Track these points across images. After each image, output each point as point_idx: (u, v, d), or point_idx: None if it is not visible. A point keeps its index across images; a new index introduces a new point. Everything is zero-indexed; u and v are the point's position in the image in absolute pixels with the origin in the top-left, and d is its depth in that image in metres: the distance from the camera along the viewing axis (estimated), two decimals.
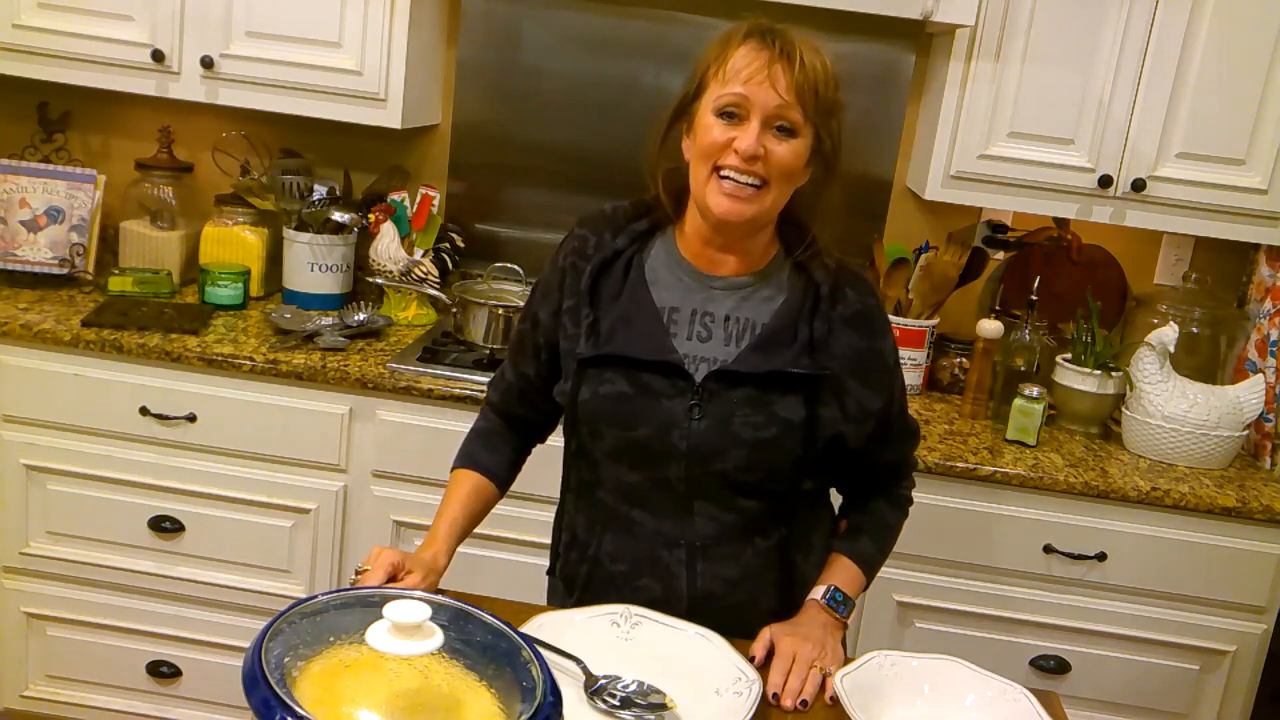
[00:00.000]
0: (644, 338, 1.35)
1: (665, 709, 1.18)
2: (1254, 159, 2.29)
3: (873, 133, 2.64)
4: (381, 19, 2.35)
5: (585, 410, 1.38)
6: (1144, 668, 2.22)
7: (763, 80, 1.26)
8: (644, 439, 1.35)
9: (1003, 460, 2.18)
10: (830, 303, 1.37)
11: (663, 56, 2.61)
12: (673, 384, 1.34)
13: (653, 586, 1.40)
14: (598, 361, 1.36)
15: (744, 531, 1.39)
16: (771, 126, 1.28)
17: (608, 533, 1.43)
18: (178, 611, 2.34)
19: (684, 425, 1.34)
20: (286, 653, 0.93)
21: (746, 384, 1.34)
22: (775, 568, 1.42)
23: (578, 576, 1.46)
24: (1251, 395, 2.28)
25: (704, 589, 1.39)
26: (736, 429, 1.34)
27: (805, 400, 1.35)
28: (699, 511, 1.38)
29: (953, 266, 2.49)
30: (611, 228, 1.42)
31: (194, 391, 2.22)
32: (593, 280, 1.39)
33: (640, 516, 1.40)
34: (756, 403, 1.34)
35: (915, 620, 2.23)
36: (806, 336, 1.35)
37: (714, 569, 1.39)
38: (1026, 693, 1.28)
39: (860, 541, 1.49)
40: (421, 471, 2.23)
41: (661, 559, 1.39)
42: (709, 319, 1.37)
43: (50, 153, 2.73)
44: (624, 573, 1.41)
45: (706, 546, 1.39)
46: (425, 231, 2.61)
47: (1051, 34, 2.26)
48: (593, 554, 1.44)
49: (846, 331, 1.38)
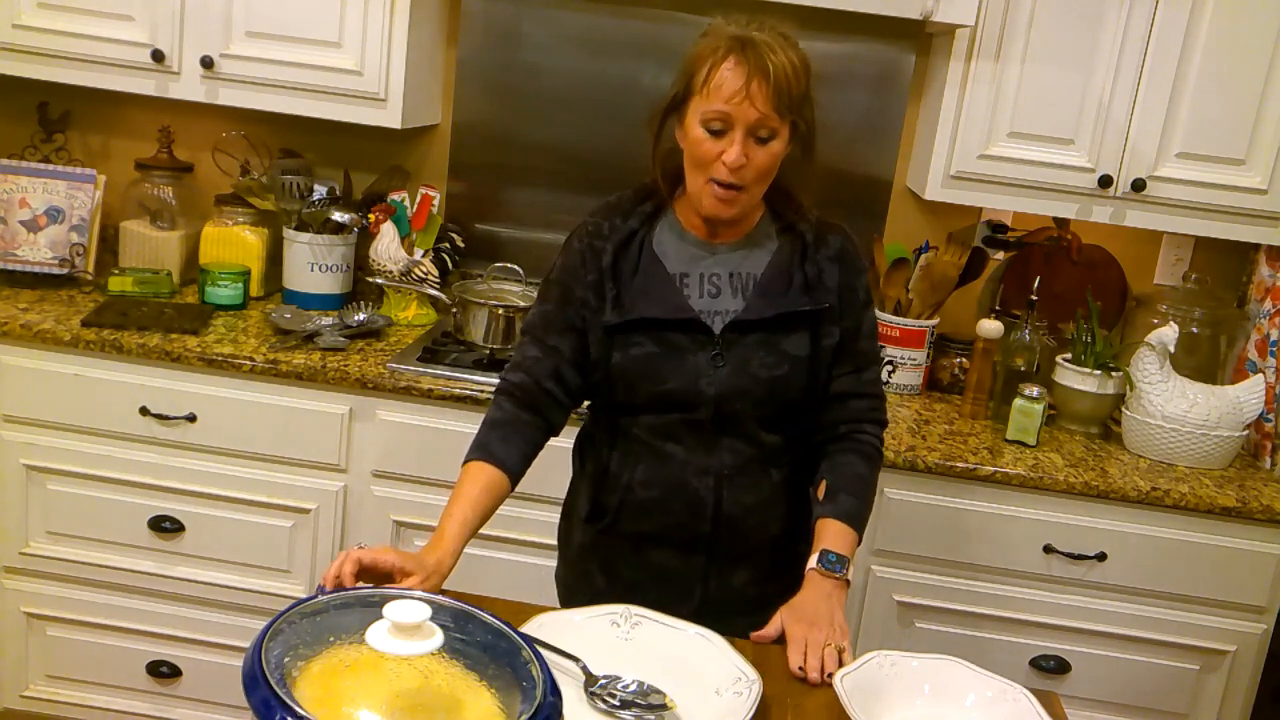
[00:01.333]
0: (663, 302, 1.53)
1: (665, 709, 1.19)
2: (1254, 159, 2.29)
3: (873, 133, 2.64)
4: (381, 19, 2.35)
5: (619, 371, 1.53)
6: (1144, 668, 2.22)
7: (742, 100, 1.42)
8: (675, 391, 1.52)
9: (1003, 460, 2.19)
10: (815, 247, 1.57)
11: (663, 56, 2.61)
12: (694, 339, 1.52)
13: (680, 511, 1.57)
14: (625, 328, 1.52)
15: (763, 463, 1.58)
16: (753, 135, 1.44)
17: (641, 464, 1.58)
18: (178, 611, 2.34)
19: (710, 374, 1.52)
20: (286, 653, 0.93)
21: (758, 329, 1.53)
22: (783, 498, 1.60)
23: (608, 505, 1.61)
24: (1251, 395, 2.29)
25: (726, 512, 1.56)
26: (755, 370, 1.52)
27: (810, 335, 1.54)
28: (725, 446, 1.55)
29: (953, 266, 2.49)
30: (621, 213, 1.58)
31: (194, 391, 2.23)
32: (614, 258, 1.54)
33: (673, 449, 1.56)
34: (768, 345, 1.53)
35: (915, 620, 2.23)
36: (801, 279, 1.55)
37: (736, 495, 1.56)
38: (1026, 693, 1.28)
39: (838, 500, 1.57)
40: (421, 471, 2.23)
41: (691, 485, 1.56)
42: (716, 278, 1.55)
43: (50, 153, 2.73)
44: (656, 498, 1.57)
45: (731, 475, 1.56)
46: (425, 231, 2.61)
47: (1051, 34, 2.26)
48: (625, 482, 1.59)
49: (832, 268, 1.57)
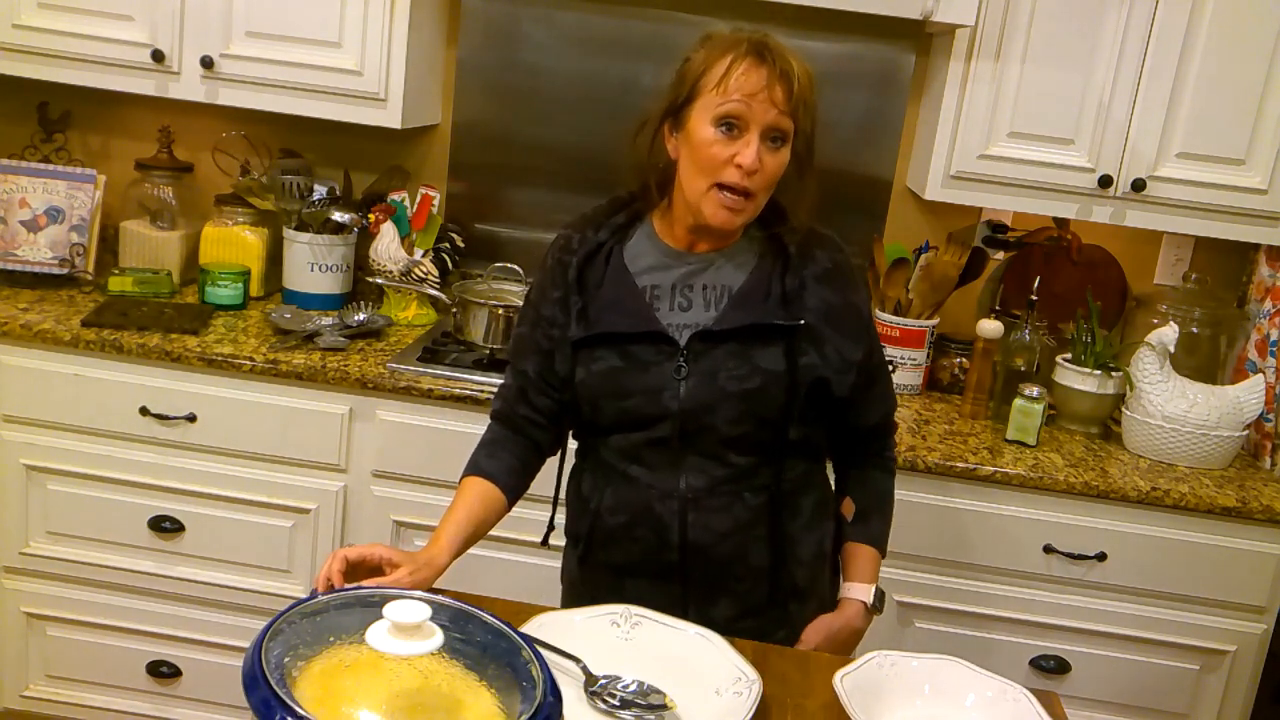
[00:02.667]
0: (629, 314, 1.45)
1: (665, 709, 1.18)
2: (1254, 159, 2.29)
3: (873, 133, 2.64)
4: (381, 19, 2.35)
5: (583, 389, 1.47)
6: (1144, 668, 2.22)
7: (764, 98, 1.35)
8: (637, 406, 1.45)
9: (1003, 460, 2.18)
10: (800, 260, 1.47)
11: (663, 56, 2.59)
12: (659, 350, 1.44)
13: (648, 537, 1.49)
14: (589, 342, 1.46)
15: (733, 486, 1.47)
16: (767, 138, 1.37)
17: (609, 487, 1.52)
18: (178, 611, 2.34)
19: (673, 387, 1.43)
20: (286, 653, 0.93)
21: (729, 340, 1.43)
22: (764, 524, 1.49)
23: (581, 533, 1.57)
24: (1251, 395, 2.28)
25: (694, 539, 1.47)
26: (723, 383, 1.42)
27: (785, 350, 1.44)
28: (691, 465, 1.47)
29: (953, 266, 2.49)
30: (593, 224, 1.53)
31: (194, 391, 2.23)
32: (579, 271, 1.48)
33: (637, 472, 1.49)
34: (739, 356, 1.43)
35: (915, 620, 2.23)
36: (779, 291, 1.45)
37: (704, 520, 1.47)
38: (1026, 693, 1.28)
39: (871, 524, 1.60)
40: (421, 471, 2.23)
41: (655, 510, 1.48)
42: (688, 290, 1.47)
43: (50, 153, 2.73)
44: (622, 525, 1.50)
45: (697, 499, 1.47)
46: (425, 231, 2.61)
47: (1051, 34, 2.26)
48: (594, 508, 1.53)
49: (819, 288, 1.47)
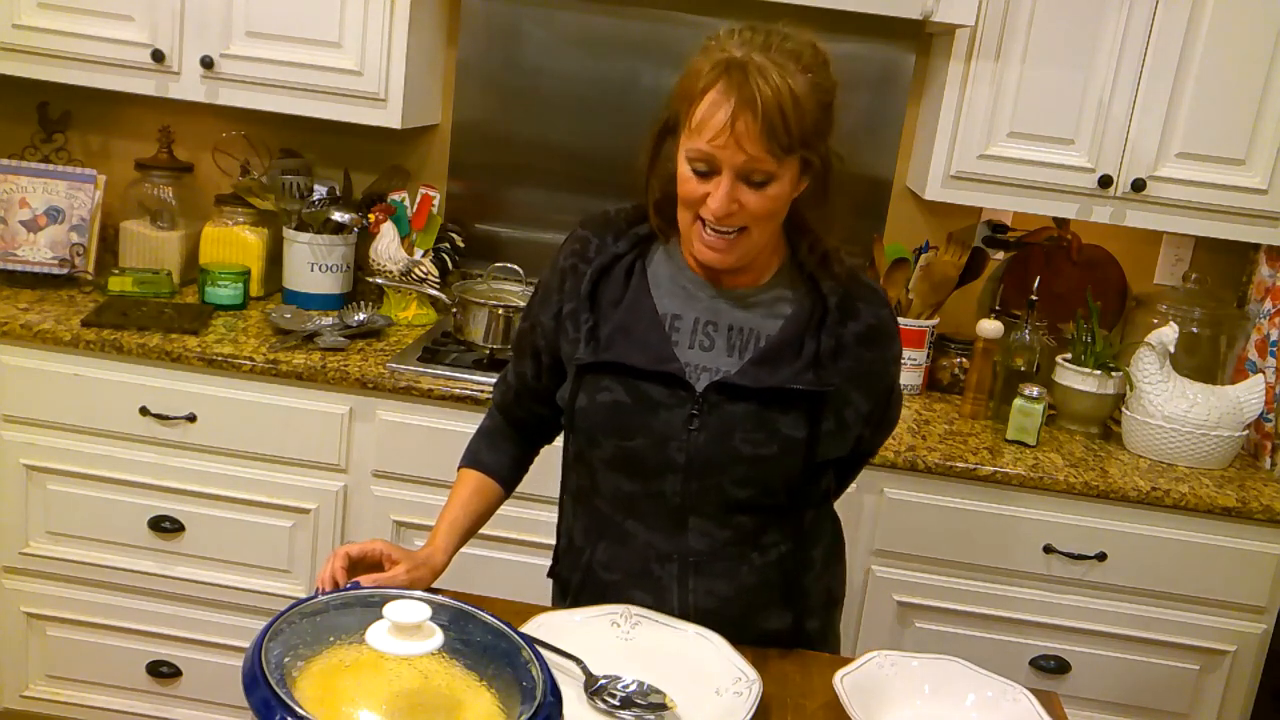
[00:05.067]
0: (644, 346, 1.32)
1: (665, 709, 1.18)
2: (1254, 159, 2.29)
3: (873, 133, 2.64)
4: (381, 19, 2.35)
5: (583, 418, 1.36)
6: (1144, 668, 2.22)
7: (727, 142, 1.19)
8: (640, 450, 1.33)
9: (1003, 460, 2.18)
10: (840, 317, 1.33)
11: (663, 56, 2.61)
12: (673, 394, 1.31)
13: (644, 599, 1.37)
14: (596, 368, 1.33)
15: (739, 547, 1.37)
16: (744, 180, 1.23)
17: (602, 540, 1.41)
18: (178, 611, 2.34)
19: (681, 437, 1.31)
20: (286, 653, 0.93)
21: (748, 399, 1.30)
22: (776, 585, 1.39)
23: (572, 582, 1.45)
24: (1251, 395, 2.28)
25: (696, 605, 1.37)
26: (737, 444, 1.31)
27: (807, 417, 1.31)
28: (693, 526, 1.35)
29: (953, 266, 2.49)
30: (613, 231, 1.39)
31: (194, 391, 2.22)
32: (593, 285, 1.36)
33: (634, 527, 1.37)
34: (758, 419, 1.30)
35: (915, 620, 2.23)
36: (813, 351, 1.32)
37: (707, 584, 1.37)
38: (1026, 693, 1.28)
39: None
40: (421, 471, 2.23)
41: (653, 572, 1.37)
42: (712, 328, 1.34)
43: (50, 153, 2.72)
44: (616, 583, 1.39)
45: (699, 562, 1.36)
46: (425, 231, 2.61)
47: (1051, 34, 2.26)
48: (586, 561, 1.42)
49: (857, 349, 1.34)
